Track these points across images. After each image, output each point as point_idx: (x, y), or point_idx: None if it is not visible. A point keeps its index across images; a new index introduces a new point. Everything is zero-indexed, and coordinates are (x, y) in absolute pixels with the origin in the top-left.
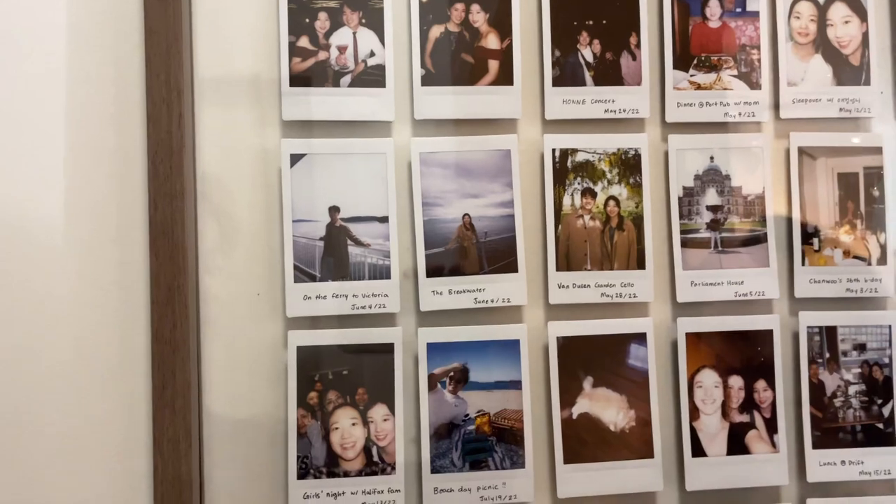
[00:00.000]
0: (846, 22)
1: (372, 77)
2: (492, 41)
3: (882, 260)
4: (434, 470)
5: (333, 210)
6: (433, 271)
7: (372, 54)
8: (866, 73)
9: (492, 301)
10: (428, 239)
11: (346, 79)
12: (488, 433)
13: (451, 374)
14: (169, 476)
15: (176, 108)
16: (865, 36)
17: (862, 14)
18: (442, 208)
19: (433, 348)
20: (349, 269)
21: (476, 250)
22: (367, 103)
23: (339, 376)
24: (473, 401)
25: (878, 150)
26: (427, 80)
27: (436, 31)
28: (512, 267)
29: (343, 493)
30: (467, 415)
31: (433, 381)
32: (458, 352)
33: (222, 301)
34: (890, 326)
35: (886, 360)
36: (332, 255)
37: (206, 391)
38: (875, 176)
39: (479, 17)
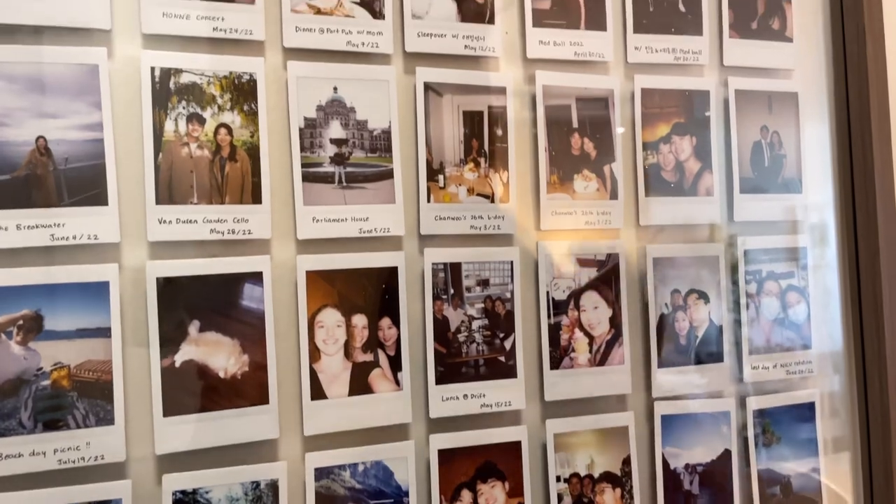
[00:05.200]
0: None
1: None
2: None
3: (505, 198)
4: None
5: None
6: None
7: None
8: (490, 11)
9: (74, 238)
10: None
11: None
12: (67, 388)
13: (20, 322)
14: None
15: None
16: None
17: None
18: (9, 129)
19: None
20: None
21: (53, 179)
22: None
23: None
24: (49, 352)
25: (502, 90)
26: None
27: None
28: (100, 199)
29: None
30: (40, 368)
31: None
32: (29, 297)
33: None
34: (511, 262)
35: (508, 295)
36: None
37: None
38: (499, 115)
39: None
